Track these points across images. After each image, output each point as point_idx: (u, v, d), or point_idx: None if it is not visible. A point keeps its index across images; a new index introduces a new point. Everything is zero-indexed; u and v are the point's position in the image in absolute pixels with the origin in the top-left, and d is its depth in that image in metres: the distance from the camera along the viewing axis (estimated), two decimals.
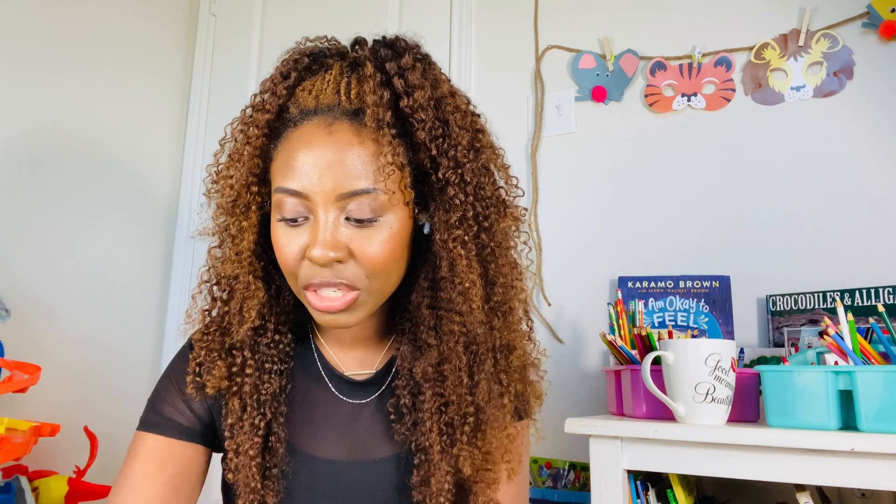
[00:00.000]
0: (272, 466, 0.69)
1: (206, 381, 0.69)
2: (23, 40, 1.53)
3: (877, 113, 1.31)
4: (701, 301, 1.34)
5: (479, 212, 0.66)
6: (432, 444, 0.66)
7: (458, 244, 0.64)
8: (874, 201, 1.28)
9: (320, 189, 0.61)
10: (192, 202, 1.94)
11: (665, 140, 1.48)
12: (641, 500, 0.96)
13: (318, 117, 0.64)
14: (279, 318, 0.72)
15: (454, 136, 0.64)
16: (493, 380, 0.67)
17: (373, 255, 0.62)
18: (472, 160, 0.65)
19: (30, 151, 1.53)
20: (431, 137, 0.63)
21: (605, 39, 1.57)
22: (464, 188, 0.64)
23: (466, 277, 0.64)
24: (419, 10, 1.78)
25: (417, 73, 0.64)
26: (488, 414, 0.66)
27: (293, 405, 0.73)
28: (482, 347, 0.66)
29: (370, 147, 0.62)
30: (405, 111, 0.63)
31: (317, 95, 0.65)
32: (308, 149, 0.62)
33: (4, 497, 1.17)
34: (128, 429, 1.69)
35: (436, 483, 0.66)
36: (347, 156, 0.62)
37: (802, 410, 0.86)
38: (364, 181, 0.61)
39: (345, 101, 0.64)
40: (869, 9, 1.32)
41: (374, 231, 0.63)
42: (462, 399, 0.66)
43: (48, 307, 1.55)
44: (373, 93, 0.62)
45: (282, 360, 0.71)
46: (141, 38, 1.84)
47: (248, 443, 0.67)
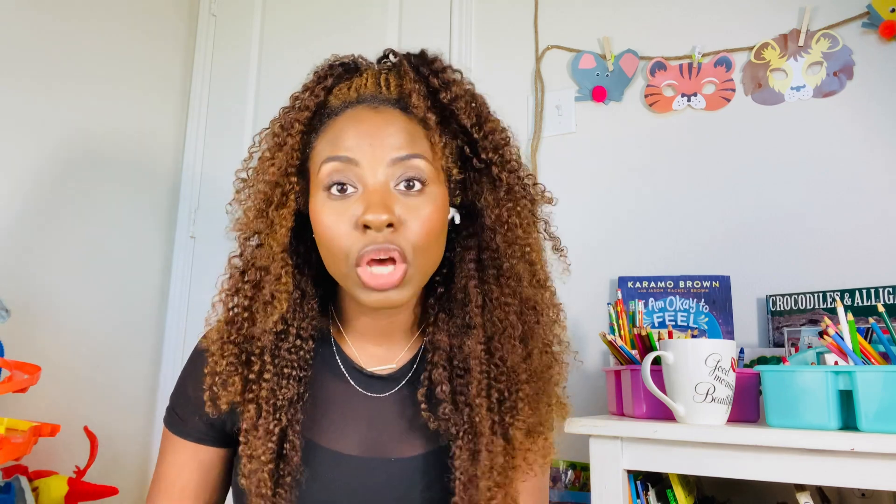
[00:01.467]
0: (286, 475, 0.68)
1: (221, 395, 0.68)
2: (22, 42, 1.53)
3: (877, 113, 1.31)
4: (701, 301, 1.34)
5: (521, 189, 0.72)
6: (482, 420, 0.67)
7: (514, 215, 0.70)
8: (874, 201, 1.28)
9: (373, 154, 0.65)
10: (192, 202, 1.94)
11: (665, 140, 1.48)
12: (641, 500, 0.96)
13: (363, 104, 0.69)
14: (302, 324, 0.71)
15: (489, 125, 0.71)
16: (542, 351, 0.71)
17: (421, 224, 0.65)
18: (507, 145, 0.72)
19: (29, 153, 1.53)
20: (472, 123, 0.69)
21: (605, 39, 1.57)
22: (506, 167, 0.71)
23: (525, 243, 0.70)
24: (419, 11, 1.78)
25: (449, 74, 0.71)
26: (539, 385, 0.70)
27: (312, 402, 0.72)
28: (533, 318, 0.71)
29: (418, 127, 0.68)
30: (444, 102, 0.68)
31: (357, 89, 0.70)
32: (357, 123, 0.67)
33: (4, 497, 1.17)
34: (128, 429, 1.71)
35: (487, 458, 0.66)
36: (396, 128, 0.67)
37: (802, 410, 0.86)
38: (413, 148, 0.66)
39: (385, 91, 0.70)
40: (869, 9, 1.32)
41: (422, 201, 0.66)
42: (517, 368, 0.68)
43: (48, 307, 1.55)
44: (413, 82, 0.69)
45: (301, 366, 0.71)
46: (141, 38, 1.84)
47: (261, 448, 0.67)
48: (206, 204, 1.94)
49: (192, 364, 0.75)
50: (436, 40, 1.72)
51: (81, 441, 1.35)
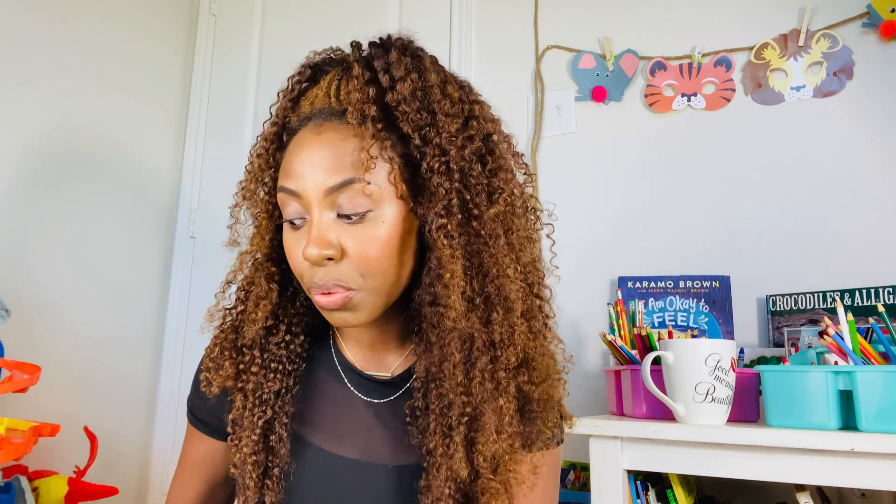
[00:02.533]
0: (273, 466, 0.69)
1: (213, 378, 0.71)
2: (22, 41, 1.53)
3: (877, 113, 1.31)
4: (701, 301, 1.34)
5: (468, 199, 0.63)
6: (436, 446, 0.64)
7: (443, 234, 0.62)
8: (874, 201, 1.28)
9: (310, 186, 0.63)
10: (191, 202, 1.94)
11: (665, 140, 1.48)
12: (641, 500, 0.96)
13: (312, 121, 0.66)
14: (292, 320, 0.72)
15: (440, 124, 0.63)
16: (487, 378, 0.64)
17: (365, 253, 0.62)
18: (461, 147, 0.64)
19: (29, 152, 1.53)
20: (416, 127, 0.63)
21: (605, 39, 1.57)
22: (450, 176, 0.63)
23: (448, 269, 0.62)
24: (419, 10, 1.78)
25: (402, 67, 0.64)
26: (486, 415, 0.64)
27: (309, 402, 0.73)
28: (476, 343, 0.64)
29: (355, 142, 0.63)
30: (390, 105, 0.63)
31: (312, 101, 0.67)
32: (299, 150, 0.64)
33: (4, 497, 1.17)
34: (128, 429, 1.71)
35: (436, 488, 0.64)
36: (332, 152, 0.63)
37: (802, 410, 0.86)
38: (345, 173, 0.62)
39: (334, 102, 0.66)
40: (869, 9, 1.32)
41: (366, 227, 0.63)
42: (458, 398, 0.64)
43: (48, 307, 1.55)
44: (357, 90, 0.64)
45: (291, 360, 0.72)
46: (141, 39, 1.84)
47: (245, 439, 0.69)
48: (205, 204, 1.94)
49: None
50: (436, 40, 1.72)
51: (81, 441, 1.35)
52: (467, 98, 0.68)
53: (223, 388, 0.71)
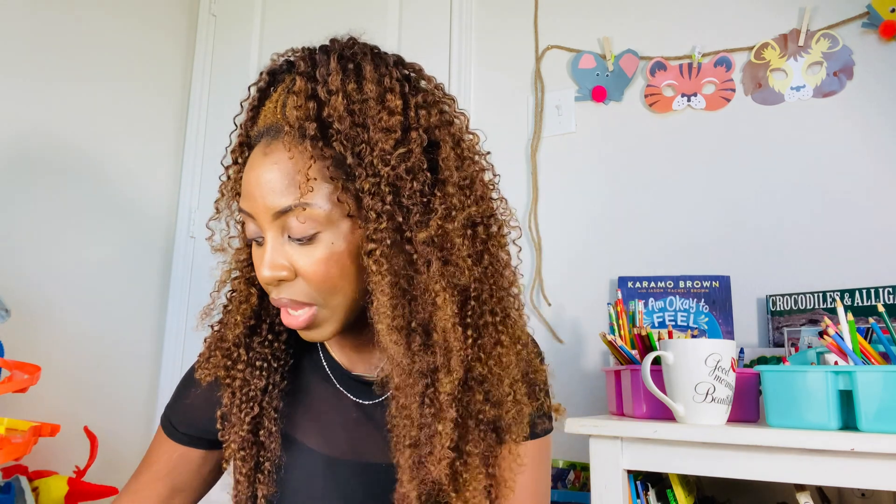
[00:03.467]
0: (264, 461, 0.71)
1: (206, 368, 0.72)
2: (22, 41, 1.53)
3: (877, 113, 1.31)
4: (701, 301, 1.34)
5: (400, 222, 0.60)
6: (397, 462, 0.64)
7: (371, 260, 0.59)
8: (874, 201, 1.28)
9: (260, 209, 0.62)
10: (191, 202, 1.94)
11: (665, 140, 1.48)
12: (641, 500, 0.96)
13: (263, 139, 0.64)
14: (274, 319, 0.74)
15: (373, 140, 0.60)
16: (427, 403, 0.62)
17: (314, 272, 0.62)
18: (394, 166, 0.60)
19: (30, 152, 1.53)
20: (349, 145, 0.60)
21: (605, 39, 1.57)
22: (382, 197, 0.59)
23: (376, 295, 0.60)
24: (419, 11, 1.78)
25: (338, 78, 0.61)
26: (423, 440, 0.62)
27: (299, 403, 0.74)
28: (414, 367, 0.61)
29: (295, 164, 0.61)
30: (327, 121, 0.60)
31: (265, 116, 0.66)
32: (250, 170, 0.64)
33: (4, 497, 1.17)
34: (128, 429, 1.70)
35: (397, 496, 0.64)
36: (274, 174, 0.61)
37: (802, 410, 0.86)
38: (289, 198, 0.60)
39: (281, 119, 0.63)
40: (869, 9, 1.32)
41: (315, 248, 0.62)
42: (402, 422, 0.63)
43: (48, 307, 1.55)
44: (295, 107, 0.61)
45: (275, 357, 0.73)
46: (140, 39, 1.84)
47: (234, 435, 0.71)
48: (205, 204, 1.94)
49: (189, 372, 0.78)
50: (436, 41, 1.72)
51: (81, 441, 1.35)
52: (411, 105, 0.63)
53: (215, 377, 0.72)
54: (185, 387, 0.78)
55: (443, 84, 0.70)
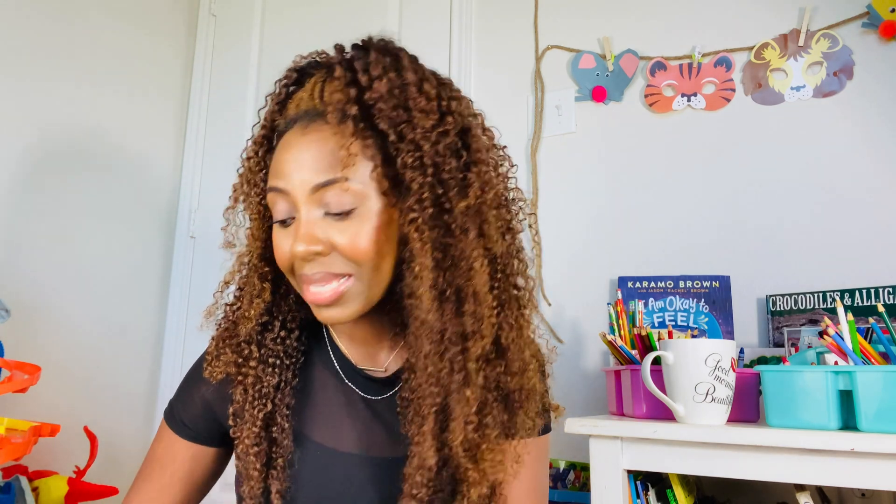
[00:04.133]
0: (277, 457, 0.71)
1: (215, 366, 0.73)
2: (22, 40, 1.53)
3: (877, 113, 1.31)
4: (701, 301, 1.34)
5: (440, 193, 0.64)
6: (413, 434, 0.67)
7: (414, 227, 0.63)
8: (874, 201, 1.28)
9: (297, 184, 0.65)
10: (191, 202, 1.94)
11: (665, 140, 1.48)
12: (641, 500, 0.96)
13: (298, 123, 0.68)
14: (287, 316, 0.75)
15: (415, 120, 0.64)
16: (456, 369, 0.65)
17: (353, 246, 0.64)
18: (435, 142, 0.64)
19: (29, 152, 1.53)
20: (392, 124, 0.64)
21: (605, 39, 1.57)
22: (423, 171, 0.64)
23: (418, 261, 0.63)
24: (419, 11, 1.78)
25: (380, 66, 0.66)
26: (454, 405, 0.65)
27: (309, 399, 0.75)
28: (447, 334, 0.64)
29: (338, 141, 0.65)
30: (368, 103, 0.64)
31: (297, 104, 0.70)
32: (286, 150, 0.67)
33: (4, 497, 1.17)
34: (128, 429, 1.70)
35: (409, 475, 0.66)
36: (316, 151, 0.65)
37: (802, 410, 0.86)
38: (330, 172, 0.64)
39: (318, 104, 0.68)
40: (869, 9, 1.32)
41: (353, 222, 0.65)
42: (429, 388, 0.65)
43: (48, 307, 1.54)
44: (336, 91, 0.65)
45: (288, 354, 0.74)
46: (140, 39, 1.84)
47: (247, 431, 0.71)
48: (205, 204, 1.94)
49: (197, 367, 0.78)
50: (436, 41, 1.72)
51: (81, 441, 1.35)
52: (445, 94, 0.69)
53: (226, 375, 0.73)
54: (192, 383, 0.78)
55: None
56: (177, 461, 0.77)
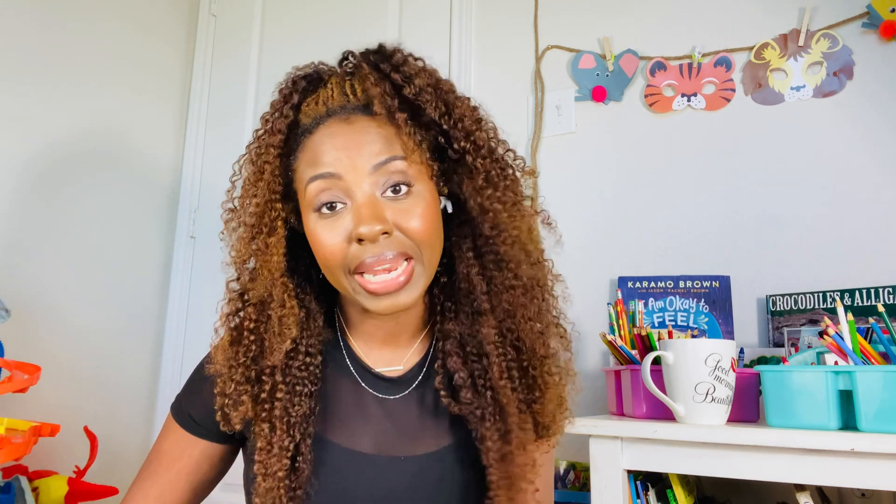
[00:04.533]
0: (297, 488, 0.69)
1: (233, 415, 0.69)
2: (21, 39, 1.53)
3: (876, 113, 1.31)
4: (701, 301, 1.34)
5: (498, 172, 0.70)
6: (509, 402, 0.68)
7: (495, 202, 0.68)
8: (874, 201, 1.28)
9: (353, 166, 0.65)
10: (192, 202, 1.94)
11: (665, 140, 1.48)
12: (641, 500, 0.96)
13: (333, 117, 0.69)
14: (310, 341, 0.72)
15: (457, 111, 0.69)
16: (554, 323, 0.75)
17: (417, 225, 0.66)
18: (479, 130, 0.70)
19: (30, 152, 1.53)
20: (440, 114, 0.67)
21: (605, 39, 1.57)
22: (479, 153, 0.69)
23: (512, 227, 0.69)
24: (419, 11, 1.78)
25: (410, 66, 0.69)
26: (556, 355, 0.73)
27: (325, 402, 0.74)
28: (540, 294, 0.72)
29: (390, 129, 0.67)
30: (409, 97, 0.67)
31: (325, 102, 0.70)
32: (332, 137, 0.67)
33: (4, 497, 1.17)
34: (128, 429, 1.70)
35: (517, 437, 0.68)
36: (370, 137, 0.67)
37: (802, 410, 0.86)
38: (391, 152, 0.66)
39: (353, 99, 0.69)
40: (869, 9, 1.32)
41: (411, 202, 0.66)
42: (537, 345, 0.70)
43: (48, 307, 1.54)
44: (375, 85, 0.67)
45: (313, 382, 0.72)
46: (141, 39, 1.84)
47: (276, 465, 0.67)
48: (205, 204, 1.94)
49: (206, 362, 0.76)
50: (436, 41, 1.72)
51: (81, 441, 1.35)
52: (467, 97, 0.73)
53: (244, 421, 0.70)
54: (202, 379, 0.75)
55: None
56: (184, 457, 0.76)
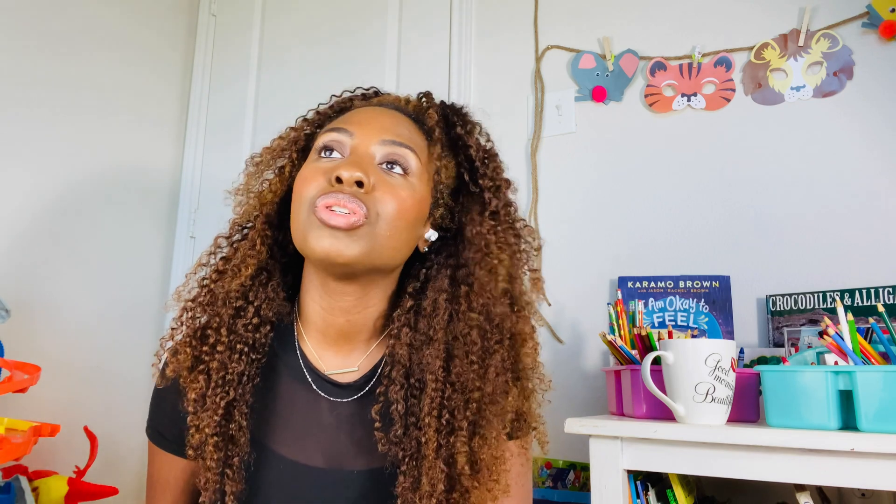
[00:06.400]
0: (233, 456, 0.69)
1: (170, 363, 0.72)
2: (21, 39, 1.53)
3: (877, 113, 1.31)
4: (701, 301, 1.34)
5: (508, 221, 0.77)
6: (428, 440, 0.65)
7: (491, 231, 0.73)
8: (874, 201, 1.28)
9: (365, 131, 0.70)
10: (192, 202, 1.94)
11: (665, 140, 1.48)
12: (641, 500, 0.96)
13: (376, 106, 0.76)
14: (262, 303, 0.74)
15: (494, 162, 0.78)
16: (501, 369, 0.69)
17: (392, 199, 0.68)
18: (506, 188, 0.78)
19: (28, 152, 1.53)
20: (477, 152, 0.76)
21: (605, 39, 1.57)
22: (498, 196, 0.75)
23: (496, 256, 0.72)
24: (419, 10, 1.77)
25: (469, 117, 0.79)
26: (492, 403, 0.67)
27: (270, 408, 0.72)
28: (495, 337, 0.70)
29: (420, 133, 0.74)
30: (457, 133, 0.75)
31: (378, 98, 0.79)
32: (363, 112, 0.74)
33: (4, 497, 1.17)
34: (128, 429, 1.70)
35: (427, 483, 0.64)
36: (397, 121, 0.73)
37: (802, 410, 0.86)
38: (409, 140, 0.71)
39: (403, 104, 0.77)
40: (869, 9, 1.32)
41: (400, 183, 0.69)
42: (469, 384, 0.66)
43: (48, 307, 1.54)
44: (432, 108, 0.77)
45: (255, 347, 0.72)
46: (140, 38, 1.84)
47: (207, 419, 0.68)
48: (205, 204, 1.94)
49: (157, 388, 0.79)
50: (436, 40, 1.72)
51: (81, 441, 1.35)
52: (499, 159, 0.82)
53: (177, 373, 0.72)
54: (161, 396, 0.78)
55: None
56: (171, 479, 0.77)
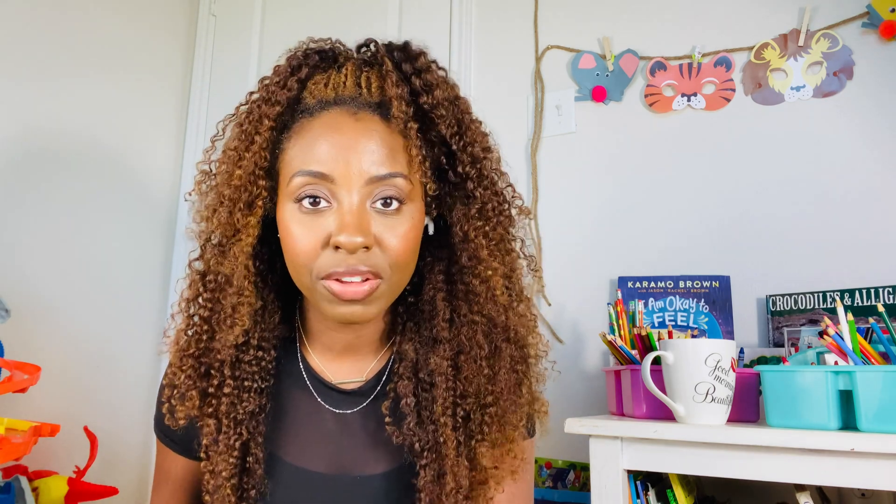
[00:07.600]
0: (250, 488, 0.67)
1: (178, 409, 0.67)
2: (19, 38, 1.53)
3: (877, 113, 1.31)
4: (701, 301, 1.34)
5: (495, 206, 0.68)
6: (447, 440, 0.64)
7: (481, 234, 0.66)
8: (874, 201, 1.28)
9: (349, 172, 0.61)
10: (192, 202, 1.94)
11: (665, 140, 1.48)
12: (641, 500, 0.96)
13: (340, 106, 0.64)
14: (263, 335, 0.69)
15: (469, 134, 0.66)
16: (510, 370, 0.67)
17: (398, 244, 0.62)
18: (486, 158, 0.68)
19: (29, 151, 1.53)
20: (451, 133, 0.64)
21: (605, 39, 1.57)
22: (482, 182, 0.66)
23: (489, 265, 0.65)
24: (419, 10, 1.77)
25: (433, 74, 0.66)
26: (506, 405, 0.66)
27: (277, 417, 0.71)
28: (500, 337, 0.67)
29: (398, 137, 0.63)
30: (424, 108, 0.64)
31: (335, 87, 0.65)
32: (335, 133, 0.62)
33: (4, 497, 1.17)
34: (127, 429, 1.70)
35: (452, 480, 0.64)
36: (376, 142, 0.62)
37: (802, 410, 0.86)
38: (395, 167, 0.62)
39: (366, 93, 0.65)
40: (869, 9, 1.32)
41: (399, 220, 0.63)
42: (482, 389, 0.65)
43: (48, 307, 1.54)
44: (395, 86, 0.63)
45: (263, 378, 0.68)
46: (140, 38, 1.84)
47: (222, 464, 0.65)
48: None
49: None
50: (436, 40, 1.72)
51: (81, 441, 1.35)
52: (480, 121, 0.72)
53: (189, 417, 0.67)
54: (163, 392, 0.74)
55: None
56: (172, 472, 0.76)
